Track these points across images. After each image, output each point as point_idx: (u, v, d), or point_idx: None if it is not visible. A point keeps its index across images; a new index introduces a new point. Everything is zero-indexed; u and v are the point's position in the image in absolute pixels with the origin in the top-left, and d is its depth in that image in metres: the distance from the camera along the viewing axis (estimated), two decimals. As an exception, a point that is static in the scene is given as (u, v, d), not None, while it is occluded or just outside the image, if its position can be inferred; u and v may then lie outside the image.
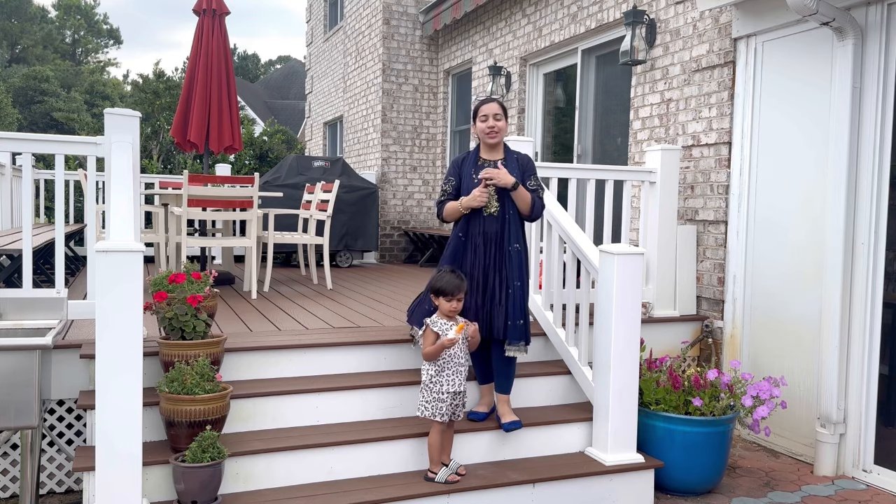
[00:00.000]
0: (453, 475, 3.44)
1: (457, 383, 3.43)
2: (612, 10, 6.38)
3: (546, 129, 7.91)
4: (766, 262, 4.81)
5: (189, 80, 6.60)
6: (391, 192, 10.19)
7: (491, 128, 3.73)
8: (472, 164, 3.81)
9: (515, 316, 3.70)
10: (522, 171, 3.79)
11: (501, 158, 3.79)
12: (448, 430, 3.51)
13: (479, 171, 3.74)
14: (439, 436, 3.47)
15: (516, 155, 3.83)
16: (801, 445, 4.51)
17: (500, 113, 3.74)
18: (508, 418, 3.75)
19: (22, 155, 3.92)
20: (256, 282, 6.21)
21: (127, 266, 2.85)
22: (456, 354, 3.44)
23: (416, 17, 10.17)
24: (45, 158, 12.79)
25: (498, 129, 3.73)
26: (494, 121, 3.72)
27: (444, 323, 3.46)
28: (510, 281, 3.70)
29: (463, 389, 3.46)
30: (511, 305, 3.70)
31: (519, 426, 3.73)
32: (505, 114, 3.77)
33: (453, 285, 3.44)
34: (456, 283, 3.45)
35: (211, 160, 12.95)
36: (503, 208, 3.73)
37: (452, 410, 3.44)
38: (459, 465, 3.56)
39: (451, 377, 3.43)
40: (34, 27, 44.91)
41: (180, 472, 3.02)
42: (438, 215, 3.87)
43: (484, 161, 3.79)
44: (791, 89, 4.65)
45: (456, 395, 3.43)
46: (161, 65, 72.38)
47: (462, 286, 3.46)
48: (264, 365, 3.89)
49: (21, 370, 3.31)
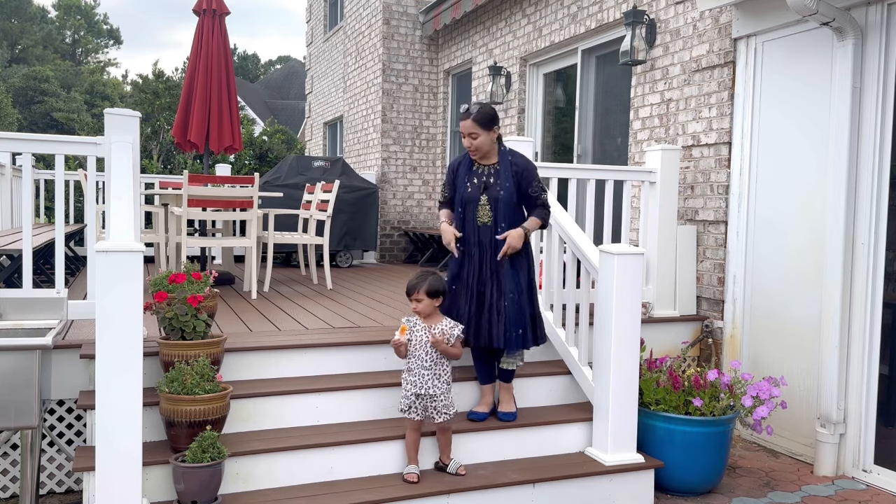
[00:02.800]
0: (411, 474, 3.44)
1: (419, 385, 3.43)
2: (612, 10, 6.38)
3: (546, 129, 7.91)
4: (766, 263, 4.81)
5: (189, 80, 6.60)
6: (391, 192, 10.19)
7: (469, 146, 3.70)
8: (467, 169, 3.79)
9: (512, 326, 3.71)
10: (518, 178, 3.71)
11: (495, 163, 3.74)
12: (415, 429, 3.48)
13: (474, 177, 3.74)
14: (407, 433, 3.50)
15: (511, 158, 3.74)
16: (801, 445, 4.51)
17: (476, 130, 3.64)
18: (506, 408, 3.80)
19: (22, 155, 3.92)
20: (256, 282, 6.21)
21: (127, 266, 2.85)
22: (420, 356, 3.46)
23: (416, 17, 10.17)
24: (45, 158, 12.79)
25: (475, 147, 3.68)
26: (471, 139, 3.67)
27: (417, 322, 3.51)
28: (506, 292, 3.71)
29: (428, 393, 3.41)
30: (507, 317, 3.71)
31: (513, 418, 3.79)
32: (483, 125, 3.64)
33: (410, 285, 3.52)
34: (412, 283, 3.50)
35: (211, 160, 12.95)
36: (496, 219, 3.70)
37: (421, 411, 3.44)
38: (460, 464, 3.57)
39: (415, 378, 3.45)
40: (34, 27, 44.90)
41: (180, 472, 3.02)
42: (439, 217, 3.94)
43: (478, 166, 3.76)
44: (791, 89, 4.65)
45: (418, 396, 3.43)
46: (161, 65, 72.45)
47: (418, 286, 3.46)
48: (264, 365, 3.89)
49: (21, 370, 3.31)
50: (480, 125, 3.64)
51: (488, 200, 3.69)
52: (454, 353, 3.50)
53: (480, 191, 3.71)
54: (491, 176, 3.72)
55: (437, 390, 3.44)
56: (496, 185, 3.70)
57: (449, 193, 3.84)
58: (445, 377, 3.49)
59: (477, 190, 3.71)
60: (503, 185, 3.68)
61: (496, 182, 3.70)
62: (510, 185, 3.68)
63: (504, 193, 3.68)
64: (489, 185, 3.70)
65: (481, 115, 3.63)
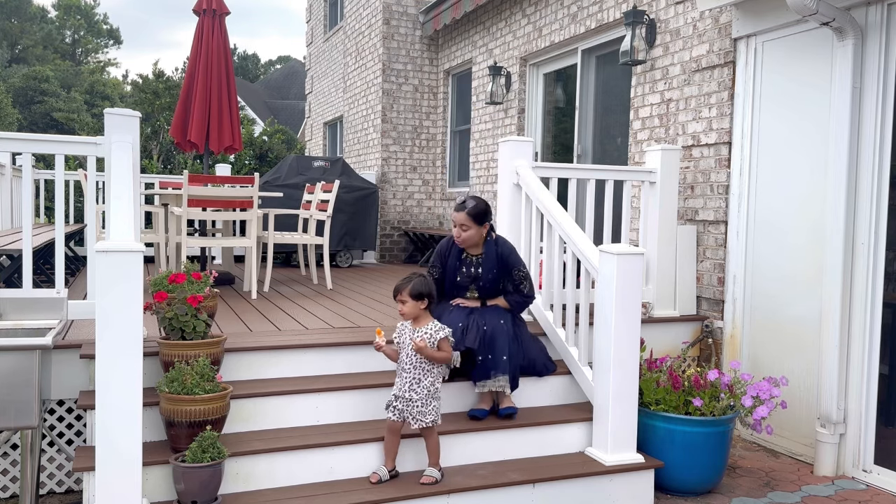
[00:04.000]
0: (374, 474, 3.42)
1: (398, 386, 3.45)
2: (612, 10, 6.38)
3: (546, 129, 7.91)
4: (766, 263, 4.81)
5: (189, 80, 6.60)
6: (391, 192, 10.19)
7: (458, 237, 3.97)
8: (456, 256, 4.05)
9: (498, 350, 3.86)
10: (503, 265, 4.00)
11: (480, 254, 4.02)
12: (393, 429, 3.44)
13: (463, 266, 4.02)
14: (385, 433, 3.48)
15: (497, 248, 4.01)
16: (801, 445, 4.51)
17: (468, 223, 3.91)
18: (506, 404, 3.86)
19: (22, 155, 3.92)
20: (256, 282, 6.21)
21: (127, 266, 2.84)
22: (402, 360, 3.47)
23: (416, 17, 10.17)
24: (45, 158, 12.79)
25: (464, 239, 3.95)
26: (461, 230, 3.94)
27: (406, 325, 3.52)
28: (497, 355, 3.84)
29: (405, 396, 3.40)
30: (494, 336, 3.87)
31: (514, 411, 3.83)
32: (476, 220, 3.91)
33: (395, 287, 3.53)
34: (397, 284, 3.52)
35: (211, 160, 12.95)
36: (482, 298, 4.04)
37: (399, 412, 3.41)
38: (435, 477, 3.43)
39: (397, 380, 3.47)
40: (34, 27, 44.90)
41: (180, 472, 3.02)
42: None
43: (467, 256, 4.04)
44: (791, 89, 4.65)
45: (397, 398, 3.42)
46: (161, 65, 72.44)
47: (402, 288, 3.48)
48: (264, 365, 3.89)
49: (21, 370, 3.31)
50: (473, 219, 3.92)
51: (476, 289, 4.03)
52: (440, 357, 3.45)
53: (470, 281, 4.03)
54: (479, 266, 4.02)
55: (415, 395, 3.40)
56: (483, 276, 4.00)
57: (440, 269, 4.07)
58: (427, 383, 3.42)
59: (467, 280, 4.03)
60: (486, 277, 3.99)
61: (483, 274, 4.00)
62: (495, 272, 4.00)
63: (489, 285, 4.01)
64: (478, 276, 4.01)
65: (476, 211, 3.91)
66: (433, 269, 4.09)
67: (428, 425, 3.42)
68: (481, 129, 8.86)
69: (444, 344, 3.48)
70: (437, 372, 3.50)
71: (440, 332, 3.48)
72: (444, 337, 3.48)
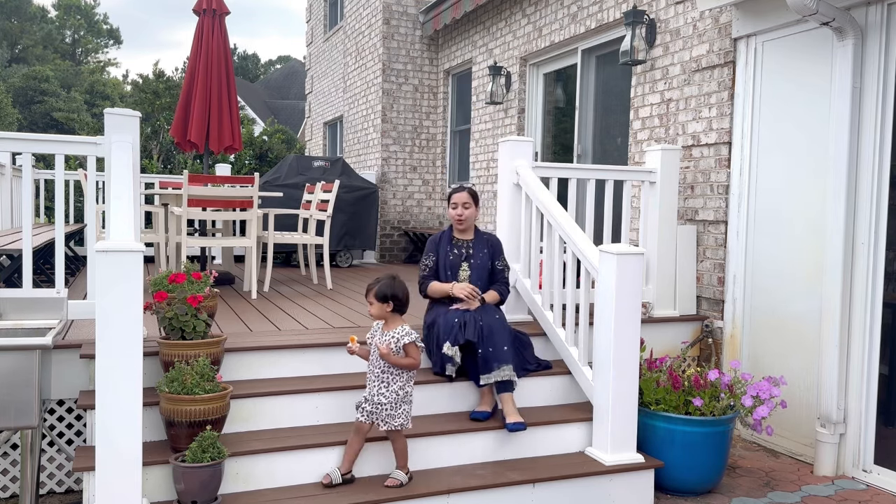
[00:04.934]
0: (326, 475, 3.38)
1: (368, 388, 3.43)
2: (612, 10, 6.38)
3: (546, 129, 7.91)
4: (766, 262, 4.81)
5: (189, 80, 6.59)
6: (391, 192, 10.19)
7: (460, 216, 4.18)
8: (448, 243, 4.25)
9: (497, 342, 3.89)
10: (492, 250, 4.26)
11: (471, 239, 4.26)
12: (360, 430, 3.39)
13: (454, 248, 4.22)
14: (351, 433, 3.43)
15: (486, 236, 4.30)
16: (801, 445, 4.51)
17: (469, 201, 4.19)
18: (513, 419, 3.75)
19: (22, 155, 3.92)
20: (256, 282, 6.21)
21: (127, 266, 2.84)
22: (371, 362, 3.44)
23: (416, 17, 10.17)
24: (45, 158, 12.79)
25: (465, 217, 4.19)
26: (463, 209, 4.18)
27: (379, 326, 3.50)
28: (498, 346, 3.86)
29: (373, 399, 3.37)
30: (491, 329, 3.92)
31: (523, 427, 3.72)
32: (475, 201, 4.22)
33: (366, 287, 3.51)
34: (368, 284, 3.51)
35: (211, 160, 12.95)
36: (472, 280, 4.15)
37: (368, 414, 3.37)
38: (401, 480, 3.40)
39: (367, 382, 3.46)
40: (34, 27, 44.90)
41: (180, 472, 3.02)
42: (421, 291, 4.21)
43: (458, 241, 4.25)
44: (791, 89, 4.65)
45: (366, 400, 3.39)
46: (161, 65, 72.42)
47: (368, 288, 3.48)
48: (264, 365, 3.90)
49: (21, 370, 3.31)
50: (473, 199, 4.21)
51: (469, 267, 4.20)
52: (405, 363, 3.37)
53: (462, 259, 4.22)
54: (471, 248, 4.25)
55: (384, 399, 3.36)
56: (474, 255, 4.22)
57: (434, 258, 4.23)
58: (395, 387, 3.37)
59: (458, 258, 4.22)
60: (477, 255, 4.22)
61: (475, 252, 4.23)
62: (486, 252, 4.24)
63: (479, 262, 4.22)
64: (469, 255, 4.22)
65: (474, 192, 4.24)
66: (427, 257, 4.23)
67: (396, 428, 3.38)
68: (481, 129, 8.86)
69: (410, 349, 3.39)
70: (407, 376, 3.43)
71: (406, 336, 3.39)
72: (412, 342, 3.39)
